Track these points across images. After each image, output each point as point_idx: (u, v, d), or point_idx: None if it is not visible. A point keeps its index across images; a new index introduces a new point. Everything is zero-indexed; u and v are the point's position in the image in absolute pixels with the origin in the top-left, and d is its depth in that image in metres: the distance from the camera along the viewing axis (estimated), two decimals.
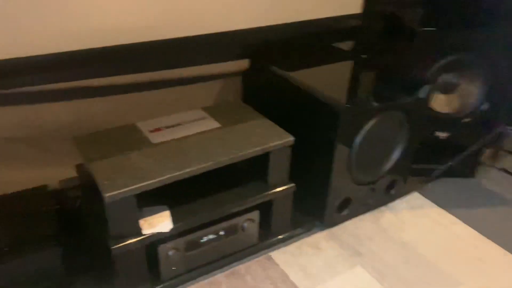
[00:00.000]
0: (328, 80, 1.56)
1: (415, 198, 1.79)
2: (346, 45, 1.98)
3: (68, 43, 1.35)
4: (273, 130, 1.40)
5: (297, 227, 1.55)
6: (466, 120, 1.76)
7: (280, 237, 1.51)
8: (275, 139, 1.35)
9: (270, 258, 1.45)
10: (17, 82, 1.35)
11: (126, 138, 1.33)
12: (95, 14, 1.36)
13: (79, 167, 1.42)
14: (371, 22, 1.87)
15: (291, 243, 1.52)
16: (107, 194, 1.07)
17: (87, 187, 1.35)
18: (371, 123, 1.44)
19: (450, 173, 1.90)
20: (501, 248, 1.54)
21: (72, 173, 1.48)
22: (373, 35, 1.88)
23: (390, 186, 1.70)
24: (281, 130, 1.40)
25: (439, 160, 1.87)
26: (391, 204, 1.74)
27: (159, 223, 1.23)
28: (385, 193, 1.69)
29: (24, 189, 1.38)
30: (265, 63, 1.70)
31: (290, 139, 1.36)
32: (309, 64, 1.69)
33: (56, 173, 1.52)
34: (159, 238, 1.22)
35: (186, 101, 1.69)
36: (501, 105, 1.73)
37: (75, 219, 1.43)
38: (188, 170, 1.18)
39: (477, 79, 1.71)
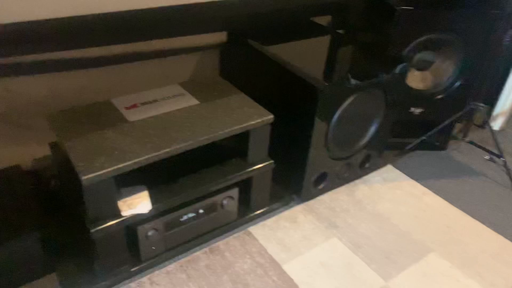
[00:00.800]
0: (307, 56, 1.55)
1: (389, 171, 1.85)
2: (325, 20, 1.95)
3: (41, 10, 1.25)
4: (253, 107, 1.39)
5: (275, 202, 1.58)
6: (439, 96, 1.80)
7: (258, 212, 1.53)
8: (255, 117, 1.34)
9: (249, 233, 1.48)
10: None
11: (102, 116, 1.29)
12: None
13: (53, 146, 1.37)
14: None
15: (269, 217, 1.55)
16: (84, 177, 1.05)
17: (62, 167, 1.32)
18: (349, 100, 1.45)
19: (423, 147, 1.96)
20: (468, 216, 1.63)
21: (46, 151, 1.43)
22: (353, 11, 1.86)
23: (365, 160, 1.74)
24: (261, 108, 1.39)
25: (413, 135, 1.93)
26: (365, 177, 1.79)
27: (138, 204, 1.21)
28: (360, 167, 1.73)
29: None
30: (243, 37, 1.66)
31: (270, 117, 1.36)
32: (288, 39, 1.66)
33: (29, 151, 1.47)
34: (139, 219, 1.21)
35: (163, 75, 1.65)
36: (472, 82, 1.78)
37: (51, 200, 1.40)
38: (167, 150, 1.17)
39: (451, 58, 1.74)
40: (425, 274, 1.39)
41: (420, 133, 1.91)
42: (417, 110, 1.84)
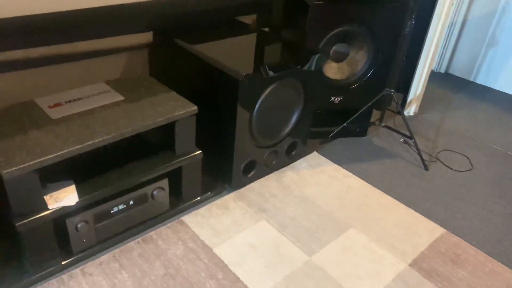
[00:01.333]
0: (230, 52, 1.64)
1: (314, 157, 1.99)
2: (250, 19, 2.06)
3: None
4: (178, 101, 1.46)
5: (207, 192, 1.65)
6: (355, 85, 1.97)
7: (190, 202, 1.60)
8: (179, 109, 1.41)
9: (182, 222, 1.55)
10: None
11: (24, 116, 1.30)
12: None
13: None
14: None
15: (201, 206, 1.63)
16: (5, 171, 1.07)
17: None
18: (269, 89, 1.56)
19: (345, 134, 2.13)
20: (384, 194, 1.79)
21: None
22: (275, 9, 1.99)
23: (291, 148, 1.86)
24: (185, 101, 1.47)
25: (335, 123, 2.08)
26: (293, 164, 1.92)
27: (64, 197, 1.25)
28: (286, 154, 1.85)
29: None
30: (169, 36, 1.73)
31: (193, 108, 1.43)
32: (212, 37, 1.75)
33: None
34: (67, 212, 1.25)
35: (91, 76, 1.68)
36: (384, 71, 1.96)
37: None
38: (89, 143, 1.21)
39: (363, 49, 1.91)
40: (345, 247, 1.52)
41: (342, 121, 2.07)
42: (337, 99, 2.00)
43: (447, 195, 1.83)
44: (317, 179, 1.85)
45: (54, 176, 1.29)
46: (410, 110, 2.40)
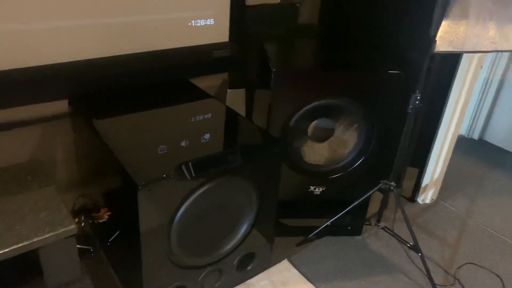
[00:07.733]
0: (149, 137, 1.19)
1: (282, 269, 1.45)
2: (205, 81, 1.59)
3: None
4: (55, 212, 1.02)
5: None
6: (340, 173, 1.46)
7: None
8: (46, 229, 0.97)
9: None
10: None
11: None
12: None
13: None
14: (239, 56, 1.51)
15: None
16: None
17: None
18: (196, 194, 1.09)
19: (333, 232, 1.60)
20: None
21: None
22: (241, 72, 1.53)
23: (246, 261, 1.36)
24: (64, 213, 1.02)
25: (319, 216, 1.56)
26: (249, 282, 1.40)
27: None
28: (239, 270, 1.35)
29: None
30: (83, 109, 1.32)
31: (70, 227, 0.99)
32: (139, 110, 1.32)
33: None
34: None
35: None
36: (382, 157, 1.45)
37: None
38: None
39: (352, 128, 1.41)
40: None
41: (328, 215, 1.54)
42: (318, 189, 1.49)
43: None
44: None
45: None
46: (426, 196, 1.84)
